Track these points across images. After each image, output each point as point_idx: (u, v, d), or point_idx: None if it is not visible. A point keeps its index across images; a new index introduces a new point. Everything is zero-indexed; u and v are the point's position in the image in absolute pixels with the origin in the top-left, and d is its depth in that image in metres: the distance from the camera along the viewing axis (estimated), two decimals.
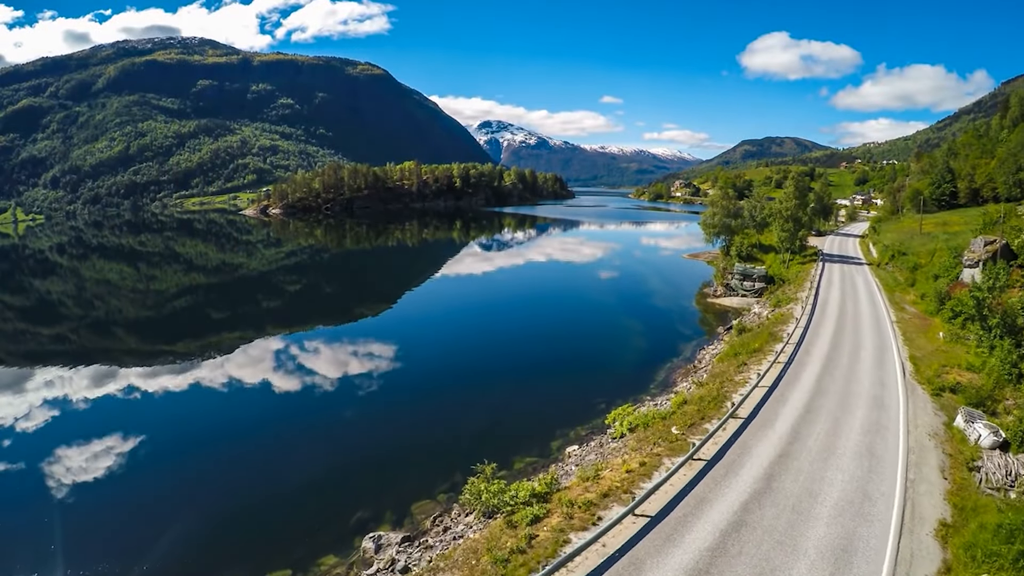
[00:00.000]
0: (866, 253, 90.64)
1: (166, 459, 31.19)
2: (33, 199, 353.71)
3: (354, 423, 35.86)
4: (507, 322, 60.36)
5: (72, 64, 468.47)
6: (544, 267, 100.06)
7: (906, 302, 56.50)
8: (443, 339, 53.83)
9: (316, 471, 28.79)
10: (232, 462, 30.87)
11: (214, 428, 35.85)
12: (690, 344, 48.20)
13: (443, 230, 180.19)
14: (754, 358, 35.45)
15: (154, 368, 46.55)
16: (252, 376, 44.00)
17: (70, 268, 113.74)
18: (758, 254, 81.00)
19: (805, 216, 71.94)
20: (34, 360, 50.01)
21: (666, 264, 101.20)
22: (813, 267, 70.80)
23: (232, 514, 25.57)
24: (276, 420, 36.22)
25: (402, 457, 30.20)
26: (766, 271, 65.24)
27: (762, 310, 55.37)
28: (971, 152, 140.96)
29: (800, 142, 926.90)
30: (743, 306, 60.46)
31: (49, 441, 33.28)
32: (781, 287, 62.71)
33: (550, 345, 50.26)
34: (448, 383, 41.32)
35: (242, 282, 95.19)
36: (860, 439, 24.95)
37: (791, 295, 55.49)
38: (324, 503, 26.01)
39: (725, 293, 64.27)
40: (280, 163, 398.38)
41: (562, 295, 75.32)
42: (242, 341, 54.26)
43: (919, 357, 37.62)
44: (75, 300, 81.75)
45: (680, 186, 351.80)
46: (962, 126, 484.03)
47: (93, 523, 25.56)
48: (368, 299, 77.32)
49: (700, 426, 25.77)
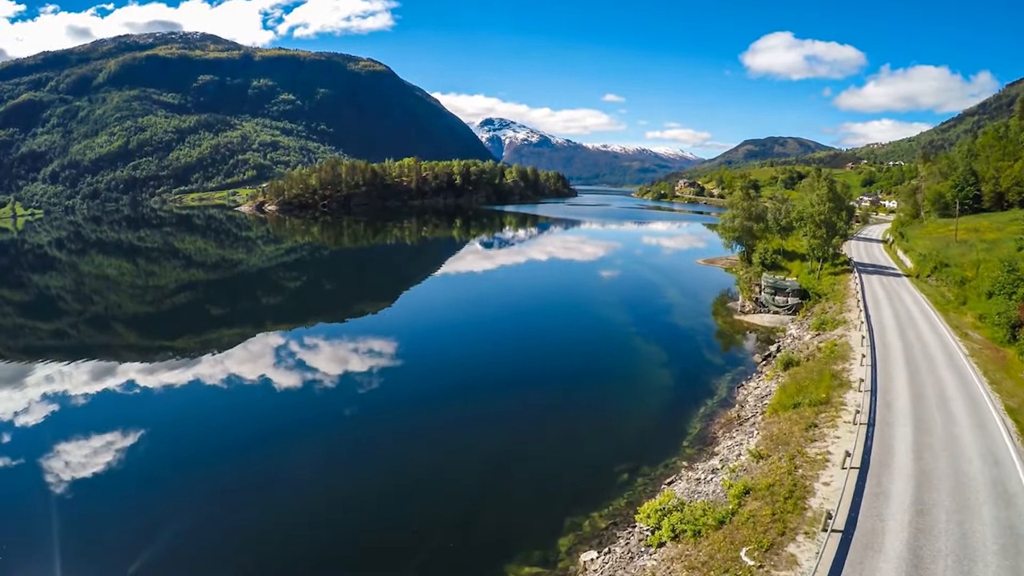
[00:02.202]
0: (897, 261, 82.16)
1: (165, 457, 30.40)
2: (32, 194, 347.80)
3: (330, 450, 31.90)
4: (501, 347, 50.04)
5: (73, 58, 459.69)
6: (545, 273, 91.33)
7: (966, 326, 48.14)
8: (427, 366, 45.32)
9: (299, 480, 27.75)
10: (231, 460, 30.12)
11: (213, 426, 34.95)
12: (724, 378, 39.59)
13: (442, 228, 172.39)
14: (823, 415, 27.04)
15: (153, 364, 45.69)
16: (250, 372, 43.37)
17: (69, 263, 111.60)
18: (783, 262, 72.51)
19: (841, 222, 63.10)
20: (32, 355, 48.84)
21: (680, 270, 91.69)
22: (848, 279, 62.28)
23: (230, 513, 25.07)
24: (273, 419, 35.52)
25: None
26: (800, 284, 56.60)
27: (802, 332, 46.94)
28: (992, 154, 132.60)
29: (803, 142, 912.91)
30: (776, 325, 51.99)
31: (48, 437, 32.33)
32: (818, 303, 54.26)
33: (553, 379, 40.62)
34: (425, 433, 32.65)
35: (241, 278, 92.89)
36: (999, 562, 16.92)
37: (836, 316, 47.02)
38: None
39: (755, 309, 55.47)
40: (280, 159, 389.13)
41: (566, 308, 65.94)
42: (241, 338, 53.22)
43: (1016, 409, 29.52)
44: (74, 295, 79.82)
45: (684, 185, 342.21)
46: (966, 127, 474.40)
47: (92, 521, 24.74)
48: (359, 302, 72.77)
49: (782, 549, 17.35)
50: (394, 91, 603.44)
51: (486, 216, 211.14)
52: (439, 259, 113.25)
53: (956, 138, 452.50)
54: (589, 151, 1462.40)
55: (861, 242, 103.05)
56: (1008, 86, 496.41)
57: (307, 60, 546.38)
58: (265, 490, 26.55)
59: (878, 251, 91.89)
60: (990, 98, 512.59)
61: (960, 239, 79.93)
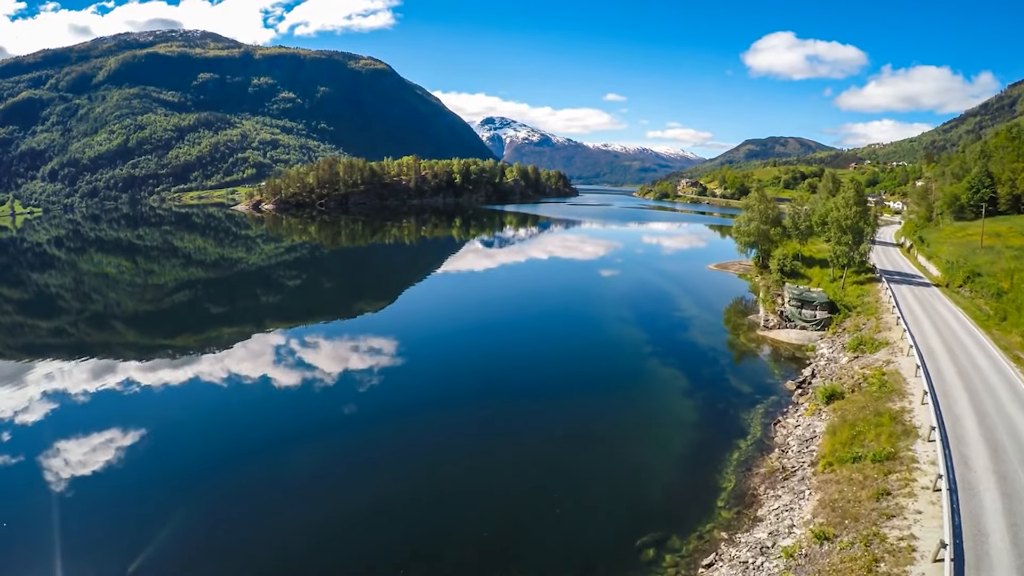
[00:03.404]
0: (919, 267, 76.98)
1: (164, 455, 29.93)
2: (31, 192, 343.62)
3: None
4: (499, 369, 43.74)
5: (73, 56, 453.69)
6: (547, 279, 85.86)
7: (1015, 347, 42.91)
8: (421, 375, 42.55)
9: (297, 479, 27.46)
10: (230, 459, 29.68)
11: (212, 424, 34.38)
12: (755, 411, 34.24)
13: (442, 228, 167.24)
14: (894, 475, 21.91)
15: (152, 362, 45.00)
16: (250, 371, 42.78)
17: (68, 262, 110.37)
18: (802, 268, 67.38)
19: (869, 228, 57.75)
20: (31, 353, 47.99)
21: (691, 276, 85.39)
22: (875, 289, 57.01)
23: (228, 511, 24.82)
24: (272, 418, 34.98)
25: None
26: (828, 296, 51.29)
27: (836, 353, 41.78)
28: (1006, 155, 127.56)
29: (803, 142, 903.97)
30: (804, 343, 46.75)
31: (46, 435, 31.81)
32: (848, 316, 49.10)
33: (557, 415, 34.68)
34: (415, 443, 30.91)
35: (240, 277, 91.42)
36: None
37: (874, 334, 41.87)
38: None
39: (779, 324, 50.03)
40: (280, 157, 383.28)
41: (570, 321, 59.76)
42: (241, 336, 52.62)
43: None
44: (73, 294, 78.91)
45: (686, 185, 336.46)
46: (968, 128, 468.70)
47: (90, 519, 24.41)
48: (358, 301, 70.85)
49: None
50: (395, 90, 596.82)
51: (486, 216, 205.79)
52: (439, 259, 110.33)
53: (958, 139, 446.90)
54: (590, 150, 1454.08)
55: (879, 246, 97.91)
56: (1010, 87, 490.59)
57: (308, 58, 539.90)
58: (263, 489, 26.33)
59: (897, 256, 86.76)
60: (992, 99, 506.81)
61: (985, 245, 75.00)
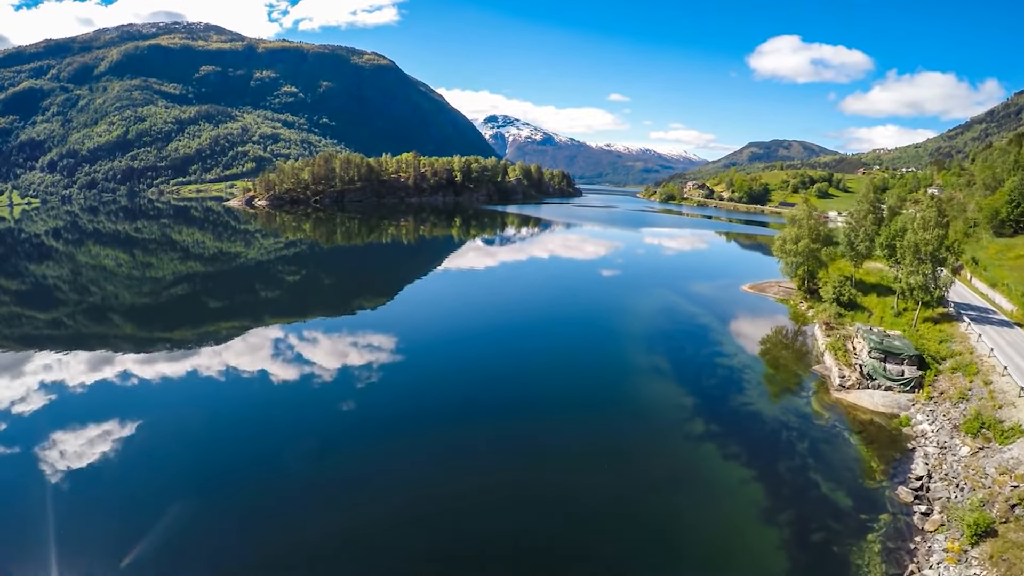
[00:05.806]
0: (982, 296, 64.66)
1: (160, 449, 29.09)
2: (29, 182, 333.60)
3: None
4: (502, 385, 36.60)
5: (75, 47, 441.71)
6: (553, 314, 71.35)
7: None
8: (413, 387, 38.40)
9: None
10: (227, 453, 29.05)
11: (209, 418, 33.25)
12: (867, 547, 21.84)
13: (441, 227, 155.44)
14: None
15: (150, 355, 44.07)
16: (248, 365, 41.79)
17: (66, 253, 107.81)
18: (859, 297, 55.35)
19: (952, 257, 45.12)
20: (28, 345, 47.06)
21: (725, 303, 67.20)
22: (958, 332, 44.73)
23: (226, 508, 24.41)
24: (270, 413, 33.91)
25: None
26: (914, 345, 39.22)
27: (949, 438, 29.82)
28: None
29: (807, 146, 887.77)
30: (893, 410, 34.78)
31: (43, 427, 30.90)
32: (942, 375, 37.13)
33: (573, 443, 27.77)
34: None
35: (239, 271, 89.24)
36: None
37: (994, 411, 29.97)
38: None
39: (857, 383, 37.87)
40: (281, 152, 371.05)
41: (585, 385, 40.61)
42: (239, 330, 51.76)
43: None
44: (71, 285, 77.00)
45: (693, 187, 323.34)
46: (974, 135, 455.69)
47: (86, 512, 23.60)
48: (357, 298, 69.48)
49: None
50: (398, 86, 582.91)
51: (487, 216, 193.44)
52: (439, 258, 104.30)
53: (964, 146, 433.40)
54: (592, 150, 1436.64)
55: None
56: (1016, 94, 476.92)
57: (311, 53, 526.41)
58: (259, 485, 25.86)
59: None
60: (998, 106, 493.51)
61: None
